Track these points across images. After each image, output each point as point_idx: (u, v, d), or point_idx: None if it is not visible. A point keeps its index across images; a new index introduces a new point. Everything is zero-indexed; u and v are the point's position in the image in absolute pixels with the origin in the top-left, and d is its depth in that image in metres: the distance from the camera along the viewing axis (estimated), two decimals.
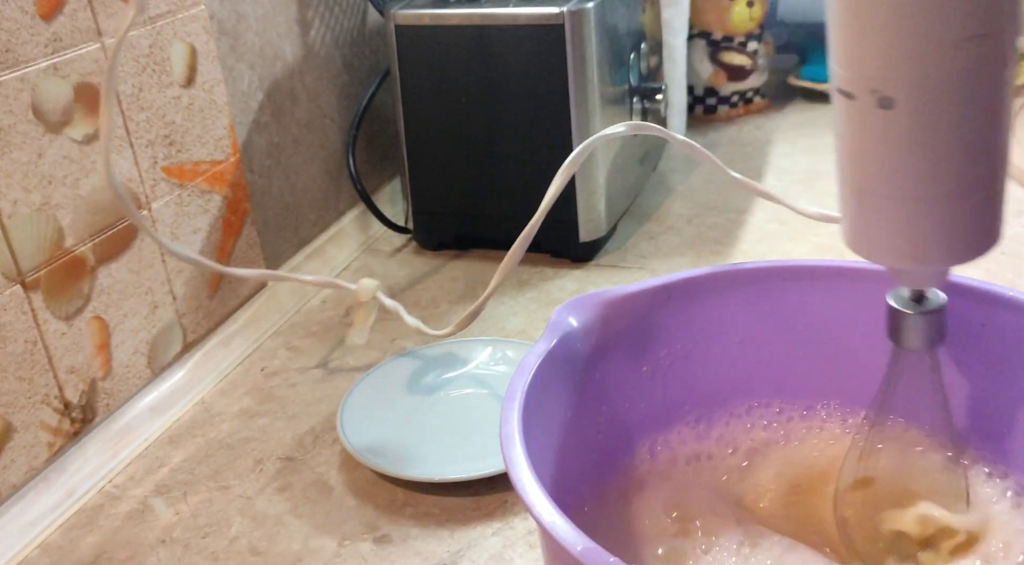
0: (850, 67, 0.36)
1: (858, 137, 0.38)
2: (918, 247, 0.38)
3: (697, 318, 0.51)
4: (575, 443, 0.48)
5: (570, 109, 0.80)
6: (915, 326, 0.42)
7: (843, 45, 0.36)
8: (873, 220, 0.39)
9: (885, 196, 0.38)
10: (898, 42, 0.34)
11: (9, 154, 0.57)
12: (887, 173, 0.38)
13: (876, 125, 0.36)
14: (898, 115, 0.35)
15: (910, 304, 0.42)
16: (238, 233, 0.77)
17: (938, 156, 0.36)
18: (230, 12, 0.76)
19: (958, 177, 0.37)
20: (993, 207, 0.38)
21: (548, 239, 0.86)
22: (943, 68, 0.34)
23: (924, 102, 0.35)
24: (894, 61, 0.34)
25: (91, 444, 0.63)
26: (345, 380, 0.71)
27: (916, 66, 0.34)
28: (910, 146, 0.36)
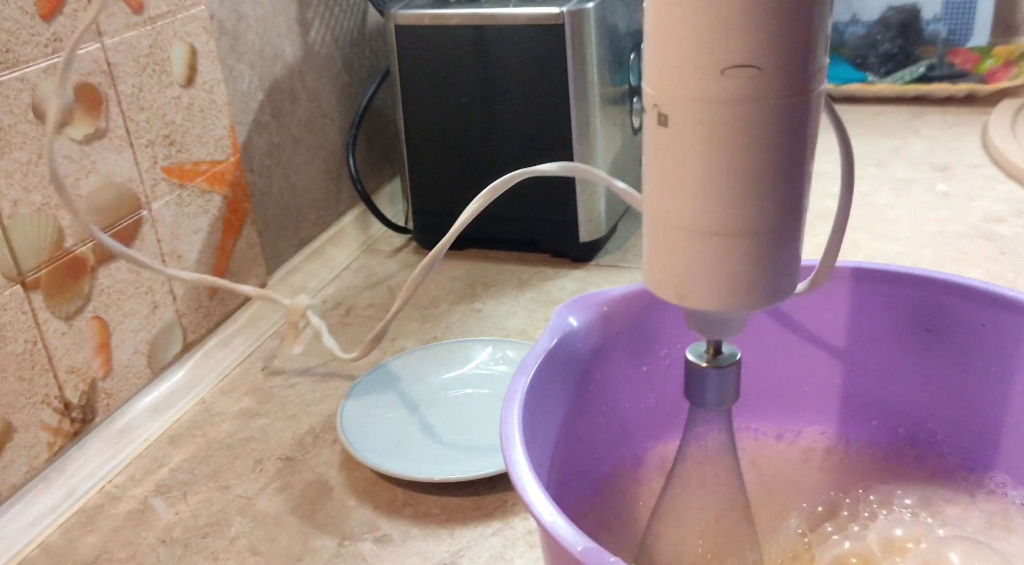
0: (643, 80, 0.36)
1: (648, 157, 0.37)
2: (693, 285, 0.37)
3: None
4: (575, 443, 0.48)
5: (570, 109, 0.80)
6: (708, 381, 0.40)
7: (644, 58, 0.36)
8: (661, 252, 0.38)
9: (665, 223, 0.37)
10: (669, 58, 0.34)
11: (9, 154, 0.57)
12: (669, 197, 0.36)
13: (657, 143, 0.36)
14: (671, 133, 0.35)
15: (705, 357, 0.40)
16: (238, 233, 0.77)
17: (715, 186, 0.35)
18: (230, 12, 0.76)
19: (745, 212, 0.35)
20: (790, 249, 0.37)
21: (548, 239, 0.86)
22: (708, 91, 0.33)
23: (694, 123, 0.34)
24: (667, 78, 0.34)
25: (91, 444, 0.63)
26: (345, 380, 0.71)
27: (683, 86, 0.34)
28: (685, 169, 0.35)
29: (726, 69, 0.33)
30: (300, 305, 0.72)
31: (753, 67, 0.33)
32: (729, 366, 0.41)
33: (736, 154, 0.34)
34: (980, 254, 0.79)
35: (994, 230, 0.83)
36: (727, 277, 0.36)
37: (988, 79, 1.12)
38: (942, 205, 0.89)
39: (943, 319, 0.48)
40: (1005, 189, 0.91)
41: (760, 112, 0.33)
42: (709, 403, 0.41)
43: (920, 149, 1.01)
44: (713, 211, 0.35)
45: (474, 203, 0.58)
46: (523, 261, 0.87)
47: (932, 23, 1.20)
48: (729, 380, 0.41)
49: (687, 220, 0.36)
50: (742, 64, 0.33)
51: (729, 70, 0.33)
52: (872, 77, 1.16)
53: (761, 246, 0.36)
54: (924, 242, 0.82)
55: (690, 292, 0.37)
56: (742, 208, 0.35)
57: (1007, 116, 1.04)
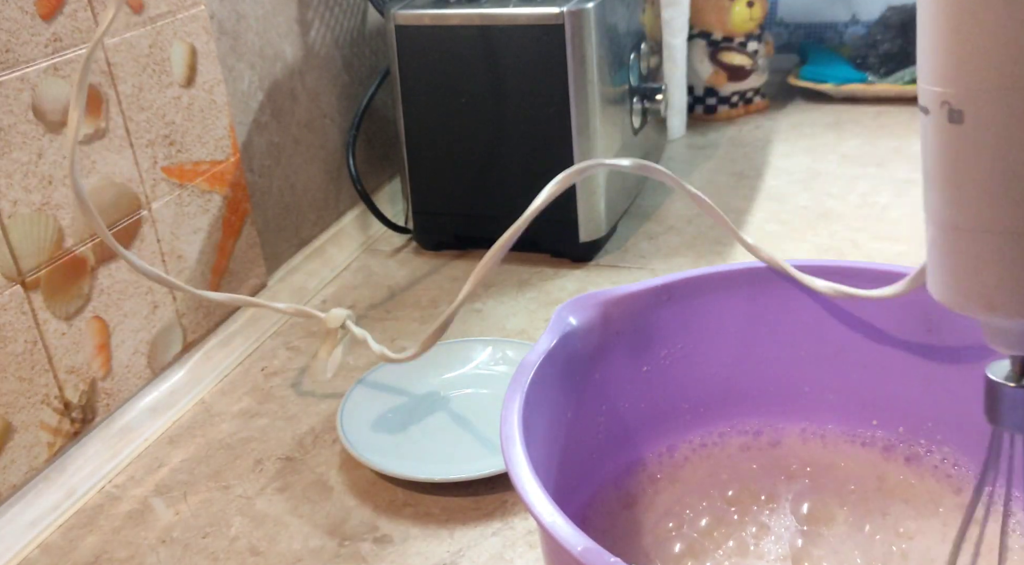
0: (924, 78, 0.33)
1: (936, 160, 0.34)
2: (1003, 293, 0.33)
3: (697, 318, 0.51)
4: (575, 443, 0.48)
5: (570, 109, 0.80)
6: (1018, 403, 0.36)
7: (921, 55, 0.33)
8: (963, 262, 0.34)
9: (965, 228, 0.34)
10: (966, 47, 0.32)
11: (9, 154, 0.57)
12: (967, 199, 0.33)
13: (949, 143, 0.33)
14: (970, 129, 0.32)
15: (1011, 376, 0.36)
16: (238, 233, 0.77)
17: (1020, 180, 0.32)
18: (230, 12, 0.76)
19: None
20: None
21: (548, 239, 0.86)
22: (1015, 78, 0.31)
23: (994, 115, 0.32)
24: (963, 69, 0.32)
25: (91, 444, 0.63)
26: (345, 380, 0.71)
27: (985, 74, 0.31)
28: (985, 166, 0.32)
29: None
30: (339, 317, 0.67)
31: None
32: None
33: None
34: None
35: None
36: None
37: None
38: None
39: (943, 319, 0.48)
40: None
41: None
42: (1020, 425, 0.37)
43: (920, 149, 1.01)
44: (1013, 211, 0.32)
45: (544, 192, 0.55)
46: (523, 261, 0.87)
47: None
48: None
49: (995, 222, 0.33)
50: None
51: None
52: (872, 77, 1.16)
53: None
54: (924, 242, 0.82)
55: (1002, 302, 0.34)
56: None
57: None
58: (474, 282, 0.56)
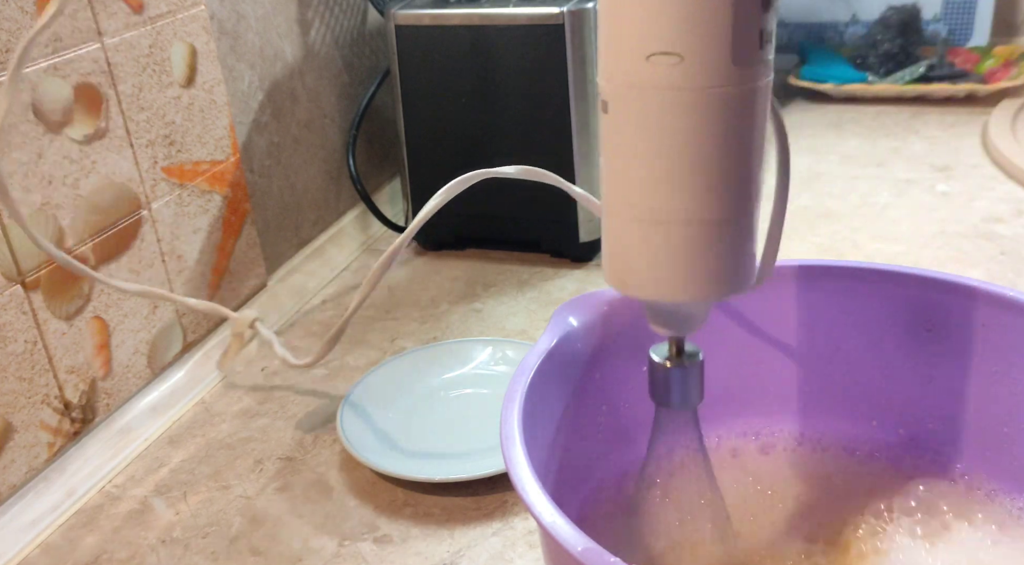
0: (597, 70, 0.37)
1: (602, 148, 0.37)
2: (640, 277, 0.37)
3: None
4: (575, 443, 0.48)
5: (570, 109, 0.80)
6: (671, 381, 0.40)
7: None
8: (610, 241, 0.38)
9: (613, 213, 0.37)
10: (605, 47, 0.35)
11: (9, 154, 0.57)
12: (614, 186, 0.37)
13: (603, 131, 0.37)
14: (612, 120, 0.36)
15: (667, 356, 0.40)
16: (238, 233, 0.77)
17: (649, 172, 0.35)
18: (230, 12, 0.76)
19: (681, 200, 0.35)
20: (735, 241, 0.37)
21: (548, 239, 0.86)
22: (636, 77, 0.34)
23: (627, 109, 0.35)
24: (607, 66, 0.35)
25: (91, 444, 0.63)
26: (345, 380, 0.71)
27: (618, 72, 0.35)
28: (624, 155, 0.36)
29: (651, 55, 0.34)
30: (247, 318, 0.71)
31: (674, 55, 0.33)
32: (692, 366, 0.40)
33: (668, 141, 0.35)
34: (980, 254, 0.79)
35: (994, 230, 0.83)
36: (673, 267, 0.37)
37: (988, 79, 1.12)
38: (942, 205, 0.89)
39: (943, 319, 0.48)
40: (1005, 189, 0.91)
41: (686, 100, 0.34)
42: (674, 403, 0.41)
43: (920, 149, 1.01)
44: (653, 198, 0.36)
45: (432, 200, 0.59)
46: (523, 261, 0.87)
47: (932, 23, 1.20)
48: (693, 380, 0.41)
49: (630, 207, 0.36)
50: (663, 51, 0.33)
51: (653, 57, 0.34)
52: (872, 77, 1.16)
53: (704, 235, 0.36)
54: (924, 242, 0.82)
55: (636, 282, 0.38)
56: (681, 196, 0.35)
57: (1007, 116, 1.04)
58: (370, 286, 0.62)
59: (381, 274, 0.61)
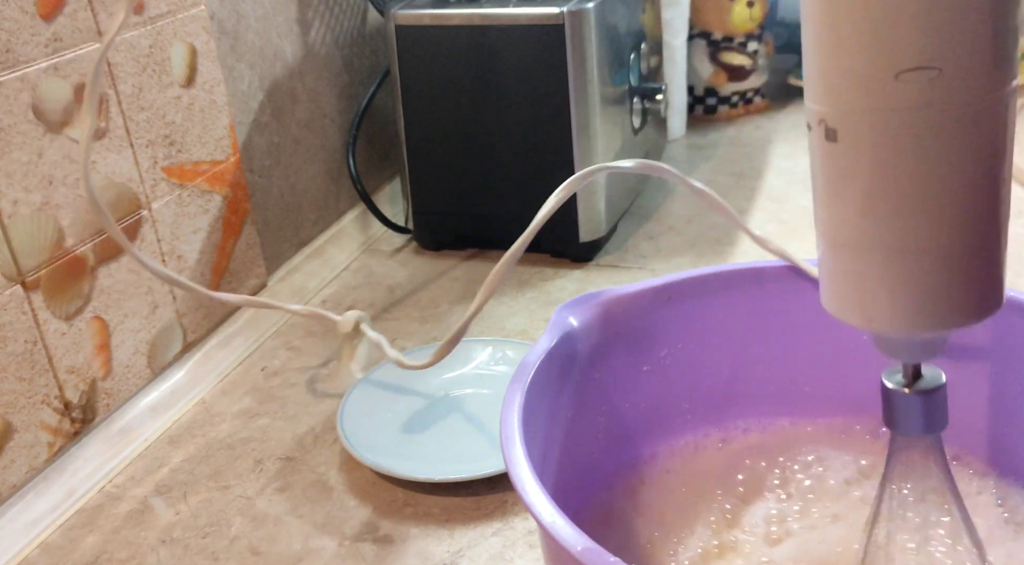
0: (807, 95, 0.34)
1: (819, 175, 0.35)
2: (879, 308, 0.34)
3: (697, 318, 0.51)
4: (575, 443, 0.48)
5: (570, 109, 0.80)
6: (910, 408, 0.38)
7: (804, 72, 0.34)
8: (843, 275, 0.35)
9: (843, 245, 0.35)
10: (836, 69, 0.32)
11: (9, 154, 0.57)
12: (844, 216, 0.34)
13: (827, 160, 0.34)
14: (842, 149, 0.33)
15: (904, 383, 0.38)
16: (238, 233, 0.77)
17: (899, 200, 0.32)
18: (230, 12, 0.76)
19: (928, 227, 0.33)
20: (983, 265, 0.34)
21: (548, 239, 0.86)
22: (879, 101, 0.31)
23: (867, 136, 0.32)
24: (835, 90, 0.32)
25: (91, 444, 0.63)
26: (345, 380, 0.71)
27: (853, 96, 0.32)
28: (861, 185, 0.33)
29: (901, 73, 0.30)
30: (350, 319, 0.67)
31: (932, 69, 0.30)
32: (935, 390, 0.37)
33: (919, 166, 0.32)
34: None
35: None
36: (915, 297, 0.34)
37: None
38: None
39: None
40: None
41: (941, 119, 0.31)
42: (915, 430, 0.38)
43: None
44: (897, 228, 0.33)
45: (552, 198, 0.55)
46: (523, 261, 0.87)
47: None
48: (938, 405, 0.38)
49: (869, 239, 0.33)
50: (919, 67, 0.30)
51: (904, 74, 0.30)
52: None
53: (951, 263, 0.33)
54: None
55: (877, 315, 0.35)
56: (928, 224, 0.32)
57: None
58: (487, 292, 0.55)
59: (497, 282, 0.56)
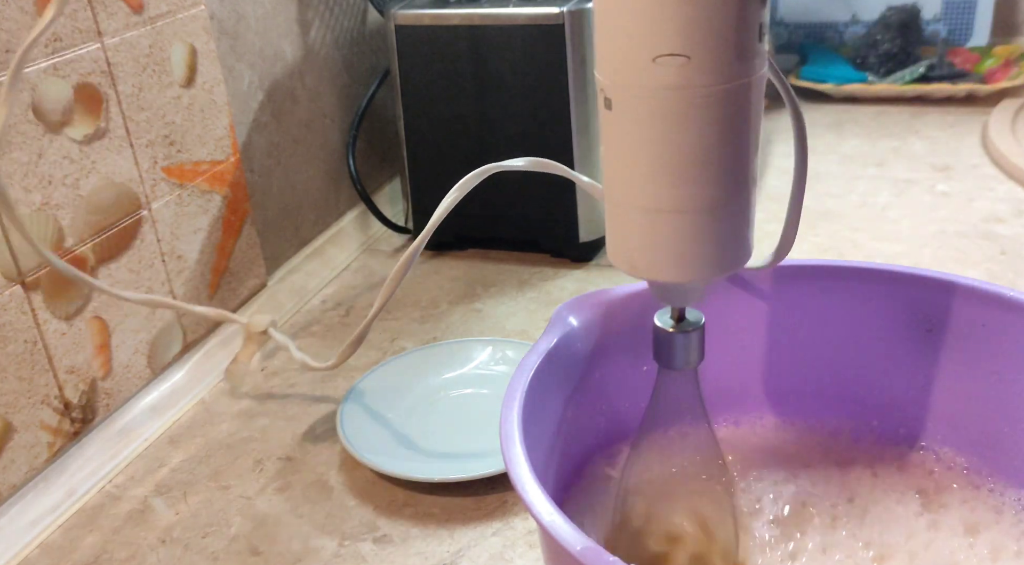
0: (596, 67, 0.38)
1: (604, 141, 0.39)
2: (643, 260, 0.39)
3: None
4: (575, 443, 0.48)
5: (570, 109, 0.80)
6: (675, 345, 0.42)
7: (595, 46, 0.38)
8: (615, 228, 0.40)
9: (616, 202, 0.39)
10: (609, 47, 0.36)
11: (9, 154, 0.57)
12: (617, 177, 0.38)
13: (606, 126, 0.38)
14: (615, 116, 0.37)
15: (670, 323, 0.42)
16: (238, 233, 0.77)
17: (655, 166, 0.37)
18: (230, 12, 0.76)
19: (683, 190, 0.37)
20: (734, 225, 0.39)
21: (548, 239, 0.86)
22: (642, 78, 0.35)
23: (632, 107, 0.36)
24: (610, 65, 0.36)
25: (91, 444, 0.63)
26: (345, 380, 0.71)
27: (622, 72, 0.36)
28: (628, 150, 0.37)
29: (657, 57, 0.35)
30: (260, 323, 0.70)
31: (682, 56, 0.35)
32: (693, 331, 0.42)
33: (673, 137, 0.36)
34: (980, 254, 0.79)
35: (994, 230, 0.83)
36: (674, 251, 0.39)
37: (988, 79, 1.12)
38: (942, 205, 0.89)
39: (943, 319, 0.48)
40: (1005, 189, 0.91)
41: (692, 98, 0.35)
42: (677, 364, 0.43)
43: (920, 149, 1.01)
44: (656, 189, 0.38)
45: (448, 197, 0.59)
46: (523, 261, 0.87)
47: (932, 23, 1.20)
48: (694, 343, 0.43)
49: (633, 198, 0.38)
50: (671, 53, 0.35)
51: (660, 58, 0.35)
52: (872, 77, 1.16)
53: (705, 222, 0.38)
54: (924, 242, 0.82)
55: (642, 264, 0.39)
56: (682, 187, 0.37)
57: (1007, 116, 1.04)
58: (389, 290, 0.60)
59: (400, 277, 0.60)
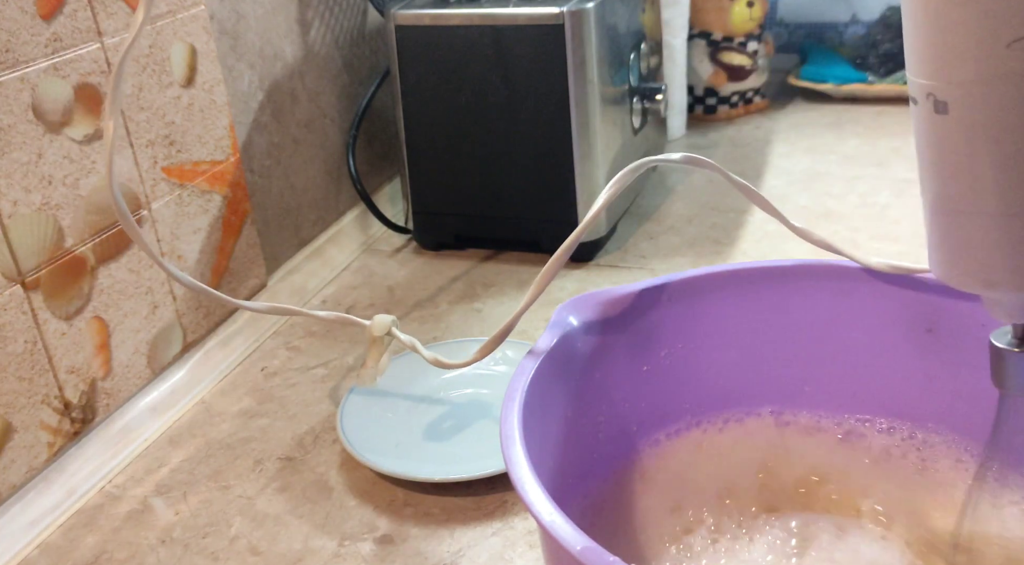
0: (911, 71, 0.35)
1: (927, 148, 0.36)
2: (1000, 271, 0.36)
3: (697, 318, 0.51)
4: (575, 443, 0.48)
5: (570, 109, 0.80)
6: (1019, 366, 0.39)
7: (907, 48, 0.35)
8: (958, 242, 0.37)
9: (959, 211, 0.36)
10: (945, 43, 0.33)
11: (9, 154, 0.57)
12: (959, 184, 0.35)
13: (937, 133, 0.35)
14: (955, 118, 0.34)
15: (1013, 342, 0.38)
16: (238, 233, 0.77)
17: (1012, 165, 0.34)
18: (230, 12, 0.76)
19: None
20: None
21: (548, 239, 0.86)
22: (992, 70, 0.33)
23: (978, 105, 0.33)
24: (944, 63, 0.34)
25: (91, 444, 0.63)
26: (345, 380, 0.71)
27: (964, 68, 0.33)
28: (971, 153, 0.34)
29: (1012, 42, 0.32)
30: (384, 324, 0.64)
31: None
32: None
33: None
34: None
35: None
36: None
37: None
38: None
39: (943, 319, 0.48)
40: None
41: None
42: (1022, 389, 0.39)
43: None
44: (1012, 192, 0.34)
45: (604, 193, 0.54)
46: (523, 261, 0.87)
47: None
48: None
49: (984, 204, 0.35)
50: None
51: (1016, 43, 0.32)
52: (872, 77, 1.16)
53: None
54: (924, 242, 0.82)
55: (997, 278, 0.36)
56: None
57: None
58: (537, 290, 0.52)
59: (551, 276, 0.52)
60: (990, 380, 0.47)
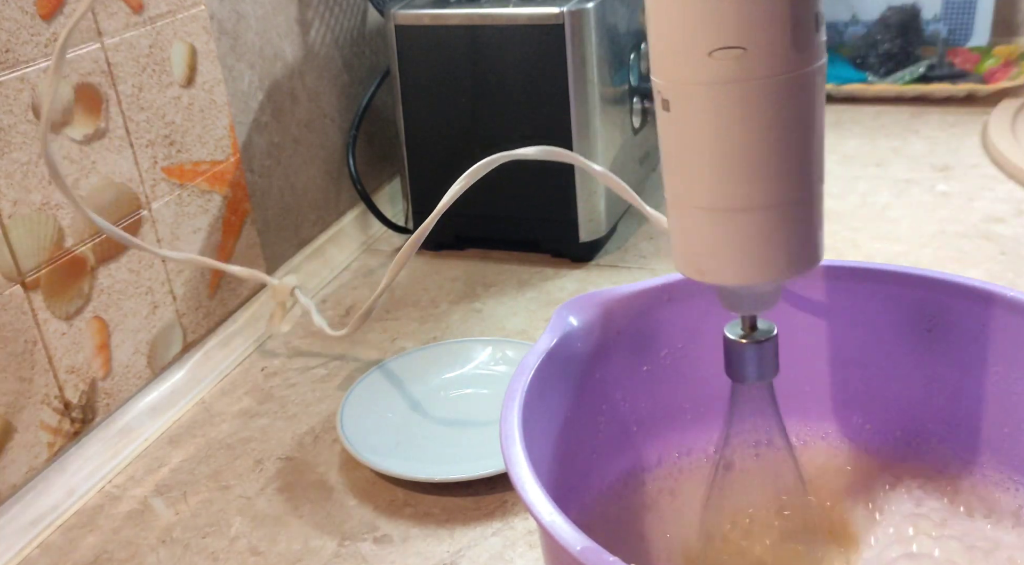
0: (651, 69, 0.37)
1: (661, 141, 0.38)
2: (708, 261, 0.38)
3: (697, 318, 0.51)
4: (575, 443, 0.48)
5: (570, 109, 0.80)
6: (747, 357, 0.41)
7: (649, 47, 0.38)
8: (680, 232, 0.39)
9: (681, 204, 0.38)
10: (663, 46, 0.36)
11: (9, 154, 0.57)
12: (679, 178, 0.38)
13: (665, 127, 0.37)
14: (674, 117, 0.37)
15: (741, 333, 0.41)
16: (238, 233, 0.77)
17: (719, 164, 0.36)
18: (230, 12, 0.76)
19: (749, 187, 0.36)
20: (802, 222, 0.38)
21: (548, 239, 0.86)
22: (699, 76, 0.35)
23: (691, 105, 0.36)
24: (665, 64, 0.36)
25: (91, 444, 0.63)
26: (345, 380, 0.71)
27: (677, 70, 0.36)
28: (689, 149, 0.37)
29: (713, 51, 0.34)
30: (287, 285, 0.73)
31: (738, 48, 0.34)
32: (766, 341, 0.41)
33: (733, 132, 0.36)
34: (980, 254, 0.79)
35: (994, 230, 0.83)
36: (743, 251, 0.37)
37: (988, 79, 1.12)
38: (942, 205, 0.89)
39: (943, 319, 0.48)
40: (1005, 189, 0.91)
41: (750, 91, 0.35)
42: (749, 377, 0.42)
43: (920, 149, 1.01)
44: (720, 188, 0.37)
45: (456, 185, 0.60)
46: (523, 261, 0.87)
47: (932, 23, 1.20)
48: (767, 354, 0.41)
49: (697, 198, 0.37)
50: (727, 46, 0.34)
51: (716, 52, 0.34)
52: (872, 77, 1.16)
53: (772, 219, 0.37)
54: (924, 242, 0.82)
55: (709, 268, 0.38)
56: (748, 184, 0.36)
57: (1007, 116, 1.04)
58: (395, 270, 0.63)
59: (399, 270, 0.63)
60: (990, 379, 0.47)
